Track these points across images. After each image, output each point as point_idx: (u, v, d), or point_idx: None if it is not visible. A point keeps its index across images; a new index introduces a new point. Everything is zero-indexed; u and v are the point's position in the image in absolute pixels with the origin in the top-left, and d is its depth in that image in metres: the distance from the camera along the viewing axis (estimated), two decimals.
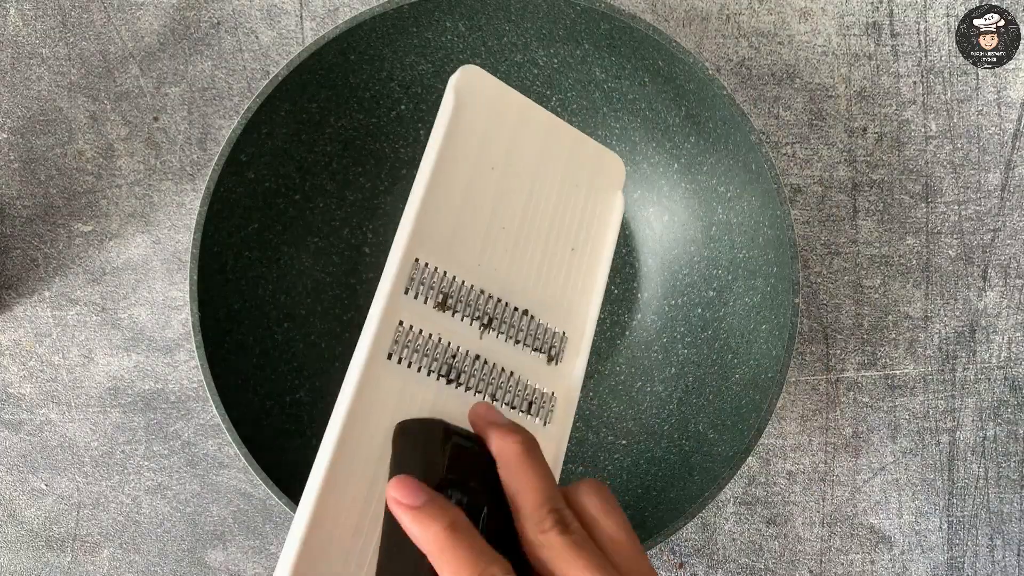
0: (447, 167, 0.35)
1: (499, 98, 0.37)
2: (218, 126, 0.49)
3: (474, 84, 0.36)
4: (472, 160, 0.36)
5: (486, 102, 0.36)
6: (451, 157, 0.35)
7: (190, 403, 0.50)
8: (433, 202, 0.35)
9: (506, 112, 0.37)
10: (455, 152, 0.35)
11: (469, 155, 0.36)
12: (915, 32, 0.50)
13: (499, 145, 0.37)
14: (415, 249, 0.34)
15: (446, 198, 0.35)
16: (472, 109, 0.36)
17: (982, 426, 0.51)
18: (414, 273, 0.34)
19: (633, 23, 0.42)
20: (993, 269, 0.51)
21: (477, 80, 0.36)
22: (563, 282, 0.38)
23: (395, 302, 0.33)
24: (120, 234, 0.50)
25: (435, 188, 0.35)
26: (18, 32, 0.49)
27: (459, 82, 0.36)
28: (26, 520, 0.50)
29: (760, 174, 0.43)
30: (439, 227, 0.35)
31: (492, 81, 0.37)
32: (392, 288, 0.33)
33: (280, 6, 0.49)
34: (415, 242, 0.34)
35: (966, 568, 0.52)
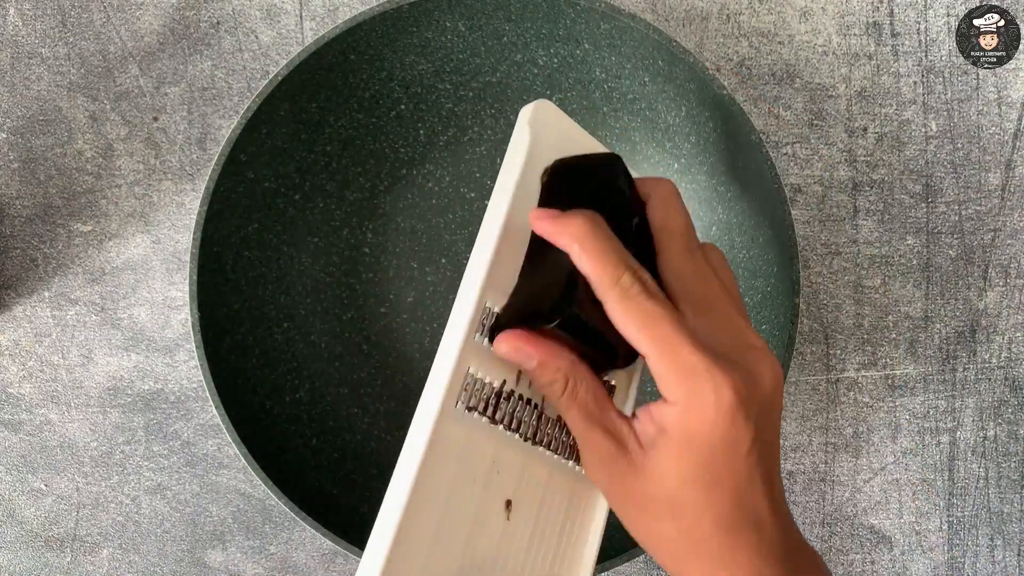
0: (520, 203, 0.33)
1: (567, 136, 0.36)
2: (218, 126, 0.49)
3: (547, 119, 0.35)
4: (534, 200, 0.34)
5: (555, 139, 0.35)
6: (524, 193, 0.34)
7: (190, 403, 0.50)
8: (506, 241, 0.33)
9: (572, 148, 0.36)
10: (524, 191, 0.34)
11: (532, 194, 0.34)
12: (915, 32, 0.50)
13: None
14: (487, 292, 0.33)
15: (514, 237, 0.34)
16: (544, 146, 0.34)
17: (982, 426, 0.51)
18: (484, 319, 0.33)
19: (633, 23, 0.42)
20: (993, 269, 0.51)
21: (550, 115, 0.35)
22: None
23: (468, 348, 0.32)
24: (120, 234, 0.50)
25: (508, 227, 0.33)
26: (18, 32, 0.49)
27: (534, 116, 0.34)
28: (26, 520, 0.50)
29: (760, 174, 0.43)
30: (504, 269, 0.33)
31: (564, 118, 0.36)
32: (467, 333, 0.32)
33: (280, 6, 0.49)
34: (489, 284, 0.33)
35: (966, 568, 0.52)
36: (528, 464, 0.34)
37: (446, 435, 0.31)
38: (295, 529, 0.50)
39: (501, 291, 0.33)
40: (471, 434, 0.32)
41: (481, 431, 0.33)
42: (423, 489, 0.30)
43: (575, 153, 0.36)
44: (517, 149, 0.34)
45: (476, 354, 0.32)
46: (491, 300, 0.33)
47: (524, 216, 0.33)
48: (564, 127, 0.36)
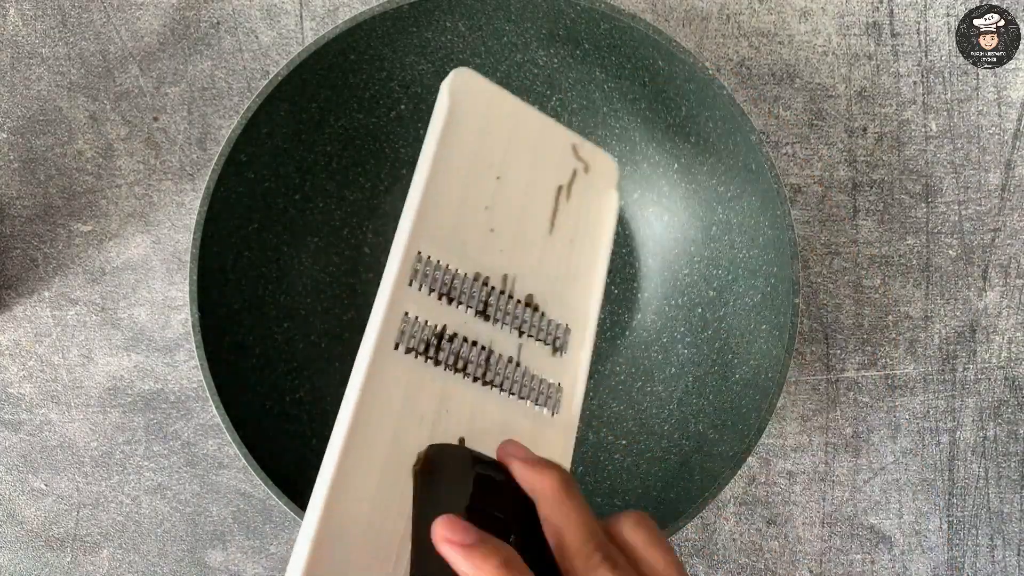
0: (445, 164, 0.36)
1: (493, 99, 0.38)
2: (218, 126, 0.49)
3: (468, 85, 0.37)
4: (468, 158, 0.36)
5: (480, 103, 0.37)
6: (448, 155, 0.36)
7: (190, 403, 0.50)
8: (433, 197, 0.35)
9: (500, 113, 0.38)
10: (452, 150, 0.36)
11: (465, 153, 0.36)
12: (915, 32, 0.50)
13: (494, 144, 0.37)
14: (417, 242, 0.34)
15: (445, 194, 0.36)
16: (466, 110, 0.36)
17: (982, 426, 0.51)
18: (417, 265, 0.34)
19: (633, 23, 0.42)
20: (993, 269, 0.51)
21: (471, 82, 0.37)
22: (563, 276, 0.38)
23: (400, 293, 0.34)
24: (120, 234, 0.50)
25: (434, 184, 0.35)
26: (18, 32, 0.49)
27: (453, 84, 0.36)
28: (26, 520, 0.50)
29: (760, 174, 0.43)
30: (440, 221, 0.35)
31: (485, 83, 0.37)
32: (396, 279, 0.34)
33: (280, 6, 0.49)
34: (417, 235, 0.34)
35: (966, 568, 0.52)
36: (480, 404, 0.35)
37: (384, 376, 0.32)
38: (295, 529, 0.50)
39: (432, 241, 0.35)
40: (412, 375, 0.33)
41: (424, 372, 0.34)
42: (362, 430, 0.31)
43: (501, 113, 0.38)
44: (436, 114, 0.36)
45: (413, 300, 0.34)
46: (426, 249, 0.34)
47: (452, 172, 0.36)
48: (487, 93, 0.37)
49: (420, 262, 0.34)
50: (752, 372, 0.45)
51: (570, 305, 0.38)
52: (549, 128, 0.39)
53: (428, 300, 0.34)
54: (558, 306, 0.38)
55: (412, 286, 0.34)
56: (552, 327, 0.37)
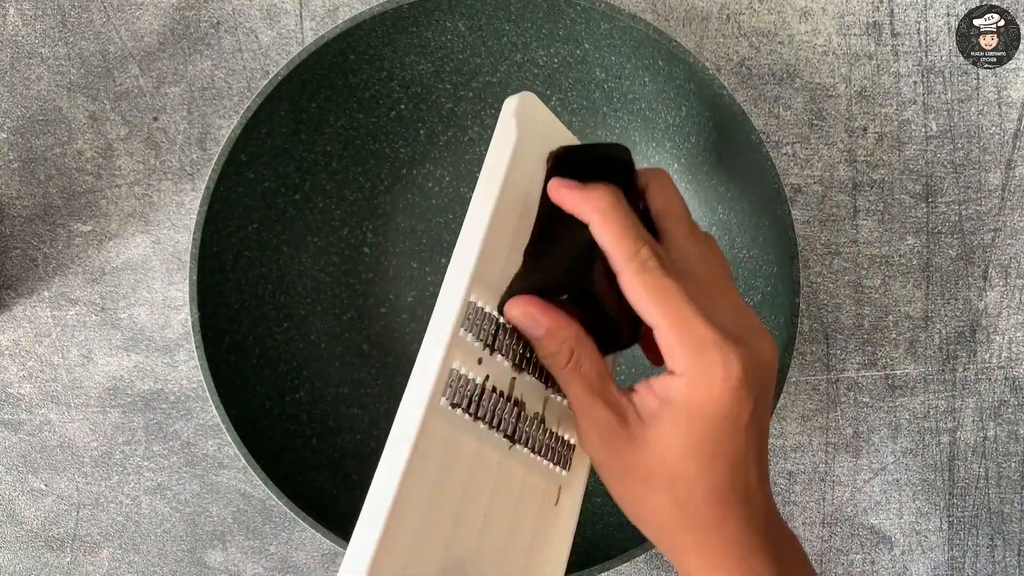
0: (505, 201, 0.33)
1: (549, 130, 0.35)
2: (218, 126, 0.49)
3: (534, 113, 0.34)
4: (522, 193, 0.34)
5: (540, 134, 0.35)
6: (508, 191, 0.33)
7: (190, 403, 0.50)
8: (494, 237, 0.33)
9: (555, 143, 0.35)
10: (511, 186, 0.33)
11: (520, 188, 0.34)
12: (915, 32, 0.50)
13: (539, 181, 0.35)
14: (474, 289, 0.32)
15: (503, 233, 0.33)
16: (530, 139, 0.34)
17: (982, 426, 0.51)
18: (469, 313, 0.32)
19: (633, 23, 0.42)
20: (994, 269, 0.51)
21: (536, 110, 0.34)
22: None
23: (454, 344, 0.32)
24: (120, 234, 0.50)
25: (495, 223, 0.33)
26: (18, 32, 0.49)
27: (520, 109, 0.34)
28: (26, 520, 0.50)
29: (760, 174, 0.43)
30: (493, 265, 0.33)
31: (546, 112, 0.35)
32: (453, 330, 0.32)
33: (280, 6, 0.49)
34: (475, 281, 0.32)
35: (966, 568, 0.52)
36: (506, 462, 0.34)
37: (431, 431, 0.31)
38: (295, 529, 0.50)
39: (486, 286, 0.33)
40: (454, 431, 0.32)
41: (464, 428, 0.32)
42: (409, 485, 0.30)
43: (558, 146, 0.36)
44: (503, 142, 0.33)
45: (461, 350, 0.32)
46: (476, 296, 0.32)
47: (510, 210, 0.33)
48: (546, 120, 0.35)
49: (472, 311, 0.32)
50: None
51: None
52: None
53: (474, 350, 0.33)
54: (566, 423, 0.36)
55: (462, 334, 0.32)
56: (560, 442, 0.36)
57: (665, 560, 0.51)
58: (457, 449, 0.32)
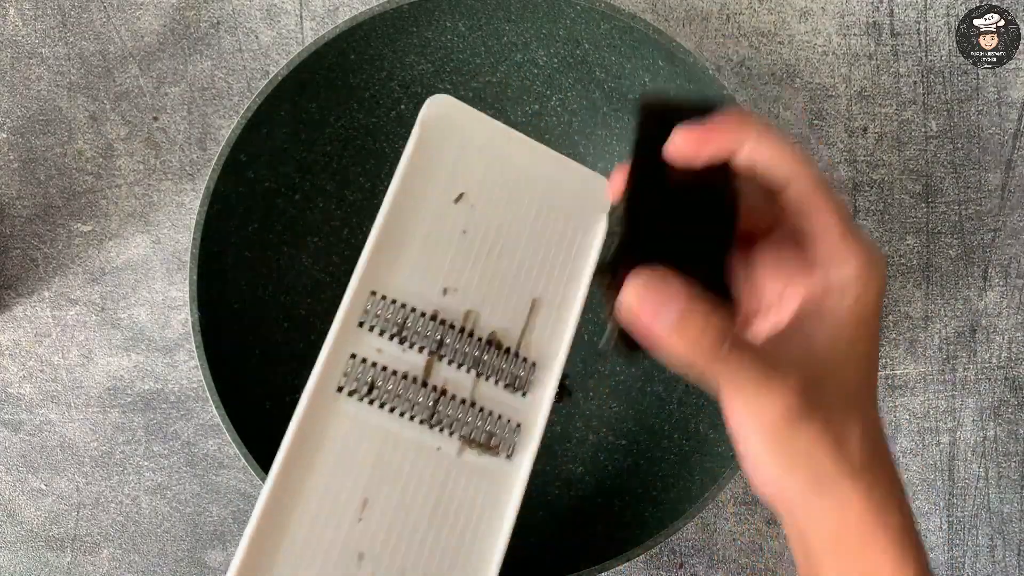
0: (409, 200, 0.35)
1: (471, 126, 0.37)
2: (218, 126, 0.49)
3: (443, 112, 0.36)
4: (439, 190, 0.36)
5: (457, 131, 0.37)
6: (414, 190, 0.36)
7: (190, 403, 0.50)
8: (393, 234, 0.35)
9: (479, 140, 0.37)
10: (419, 185, 0.36)
11: (436, 186, 0.36)
12: (915, 32, 0.50)
13: (471, 174, 0.37)
14: (371, 282, 0.35)
15: (409, 228, 0.35)
16: (438, 140, 0.36)
17: (982, 426, 0.51)
18: (369, 306, 0.34)
19: (633, 23, 0.42)
20: (993, 269, 0.51)
21: (446, 109, 0.37)
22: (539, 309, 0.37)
23: (346, 335, 0.34)
24: (120, 234, 0.50)
25: (395, 220, 0.35)
26: (18, 32, 0.49)
27: (427, 112, 0.36)
28: (26, 520, 0.50)
29: None
30: (400, 259, 0.35)
31: (464, 109, 0.37)
32: (344, 321, 0.34)
33: (280, 6, 0.49)
34: (371, 275, 0.34)
35: (966, 568, 0.52)
36: (423, 447, 0.35)
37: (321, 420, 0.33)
38: None
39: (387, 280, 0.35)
40: (354, 419, 0.34)
41: (366, 415, 0.34)
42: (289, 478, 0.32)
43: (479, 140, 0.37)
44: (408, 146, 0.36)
45: (362, 341, 0.34)
46: (378, 287, 0.35)
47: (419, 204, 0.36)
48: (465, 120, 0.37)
49: (373, 301, 0.34)
50: None
51: (540, 339, 0.37)
52: (536, 154, 0.38)
53: (378, 341, 0.34)
54: (525, 341, 0.37)
55: (363, 327, 0.34)
56: (516, 365, 0.37)
57: (664, 560, 0.51)
58: (359, 436, 0.34)
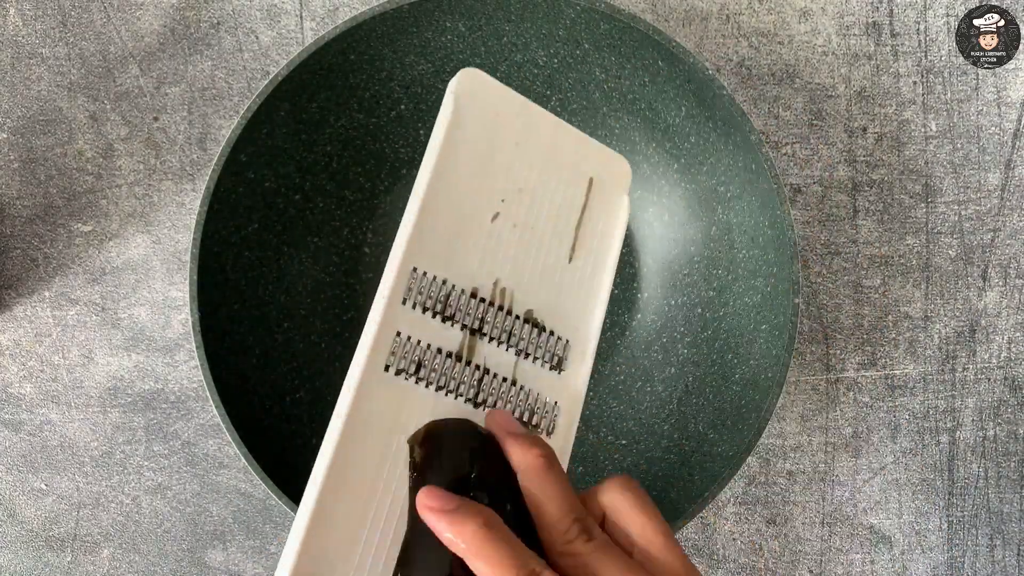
0: (446, 173, 0.34)
1: (501, 101, 0.36)
2: (218, 126, 0.49)
3: (475, 87, 0.36)
4: (473, 165, 0.35)
5: (487, 105, 0.36)
6: (451, 162, 0.35)
7: (190, 403, 0.50)
8: (432, 209, 0.34)
9: (508, 115, 0.36)
10: (455, 157, 0.35)
11: (470, 160, 0.35)
12: (915, 32, 0.50)
13: (502, 149, 0.36)
14: (413, 258, 0.33)
15: (446, 204, 0.34)
16: (472, 113, 0.35)
17: (982, 426, 0.51)
18: (412, 283, 0.33)
19: (633, 23, 0.42)
20: (993, 269, 0.51)
21: (478, 83, 0.36)
22: (567, 288, 0.37)
23: (392, 312, 0.33)
24: (120, 234, 0.50)
25: (434, 194, 0.34)
26: (18, 32, 0.49)
27: (459, 86, 0.35)
28: (26, 520, 0.50)
29: (760, 174, 0.43)
30: (438, 235, 0.34)
31: (493, 83, 0.36)
32: (390, 298, 0.33)
33: (280, 6, 0.49)
34: (413, 251, 0.33)
35: (966, 568, 0.52)
36: None
37: (373, 399, 0.32)
38: None
39: (428, 256, 0.34)
40: (402, 398, 0.33)
41: (413, 394, 0.33)
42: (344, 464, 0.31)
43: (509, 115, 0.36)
44: (440, 120, 0.35)
45: (406, 319, 0.33)
46: (421, 264, 0.34)
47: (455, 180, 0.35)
48: (495, 95, 0.36)
49: (415, 278, 0.33)
50: (752, 372, 0.45)
51: (572, 318, 0.37)
52: (561, 131, 0.38)
53: (422, 319, 0.33)
54: (560, 319, 0.37)
55: (406, 304, 0.33)
56: (552, 343, 0.36)
57: None
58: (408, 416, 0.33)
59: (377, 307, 0.33)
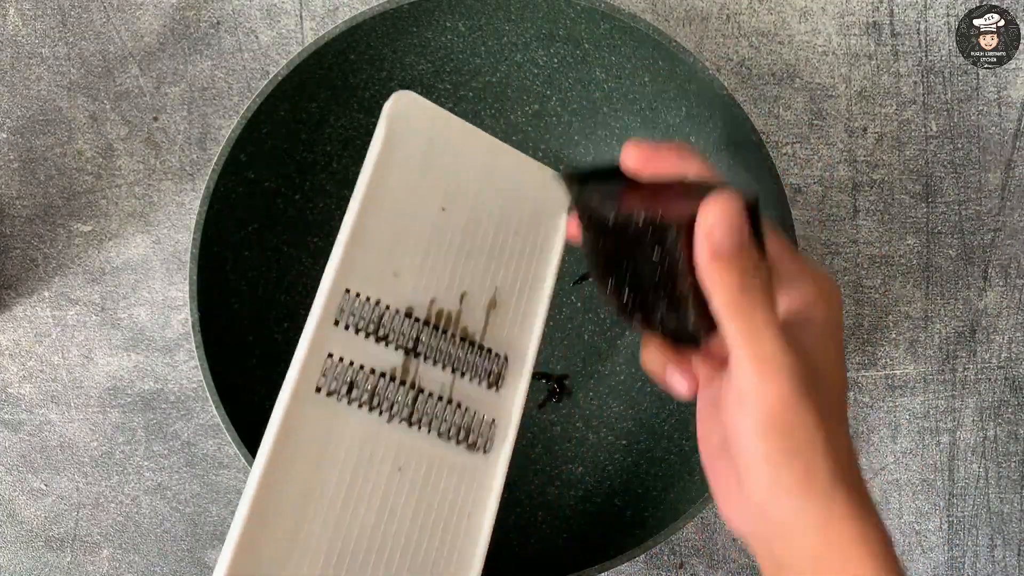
0: (378, 196, 0.35)
1: (436, 123, 0.37)
2: (218, 126, 0.49)
3: (409, 110, 0.36)
4: (406, 187, 0.36)
5: (421, 128, 0.36)
6: (383, 185, 0.35)
7: (190, 403, 0.50)
8: (364, 232, 0.34)
9: (443, 138, 0.37)
10: (387, 180, 0.35)
11: (403, 182, 0.36)
12: (915, 32, 0.50)
13: (436, 171, 0.36)
14: (345, 280, 0.34)
15: (378, 226, 0.35)
16: (405, 136, 0.36)
17: (982, 426, 0.51)
18: (344, 304, 0.34)
19: (633, 23, 0.42)
20: (993, 269, 0.51)
21: (412, 106, 0.36)
22: (504, 306, 0.38)
23: (323, 335, 0.33)
24: (120, 234, 0.50)
25: (365, 217, 0.34)
26: (18, 32, 0.49)
27: (393, 109, 0.35)
28: (26, 520, 0.50)
29: (760, 174, 0.43)
30: (371, 256, 0.35)
31: (428, 105, 0.36)
32: (320, 321, 0.33)
33: (280, 6, 0.49)
34: (345, 273, 0.34)
35: (966, 568, 0.52)
36: (406, 445, 0.35)
37: (299, 421, 0.32)
38: None
39: (361, 277, 0.34)
40: (333, 419, 0.33)
41: (345, 415, 0.33)
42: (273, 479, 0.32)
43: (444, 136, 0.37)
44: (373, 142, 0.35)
45: (338, 340, 0.33)
46: (352, 285, 0.34)
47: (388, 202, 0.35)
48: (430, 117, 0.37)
49: (347, 300, 0.34)
50: None
51: (510, 334, 0.37)
52: (499, 152, 0.38)
53: (355, 340, 0.34)
54: (496, 336, 0.37)
55: (338, 326, 0.34)
56: (489, 361, 0.37)
57: (664, 560, 0.51)
58: (339, 436, 0.33)
59: (307, 330, 0.33)
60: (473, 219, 0.37)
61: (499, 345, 0.37)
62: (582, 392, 0.50)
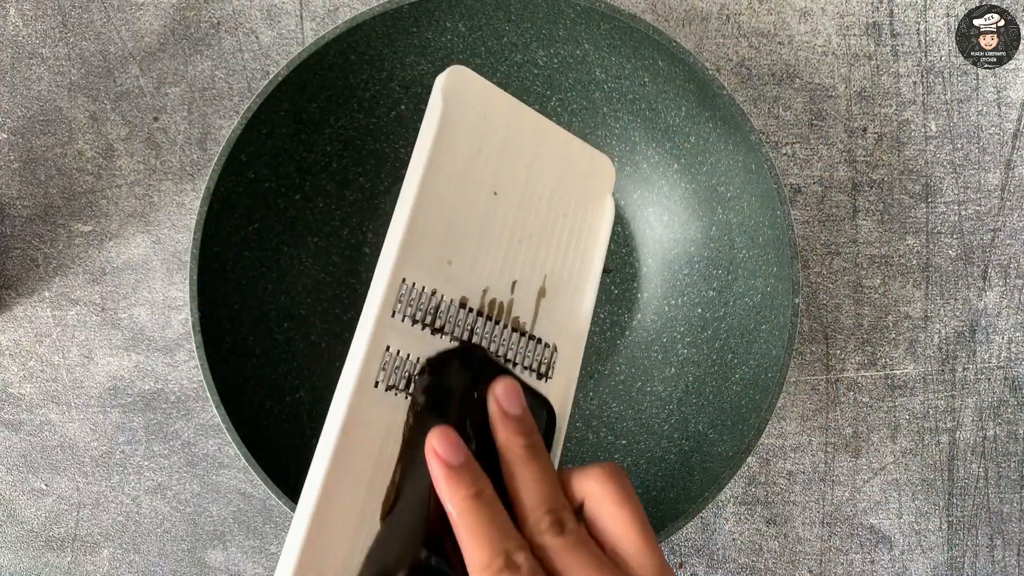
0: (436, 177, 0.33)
1: (488, 100, 0.35)
2: (218, 126, 0.49)
3: (462, 85, 0.34)
4: (463, 168, 0.34)
5: (477, 106, 0.34)
6: (440, 166, 0.33)
7: (190, 403, 0.50)
8: (422, 215, 0.32)
9: (496, 114, 0.35)
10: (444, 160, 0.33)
11: (460, 163, 0.34)
12: (915, 32, 0.50)
13: (490, 150, 0.34)
14: (404, 268, 0.32)
15: (435, 210, 0.33)
16: (461, 112, 0.34)
17: (982, 426, 0.51)
18: (401, 295, 0.32)
19: (633, 23, 0.42)
20: (993, 269, 0.51)
21: (466, 81, 0.34)
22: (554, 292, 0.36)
23: (382, 327, 0.31)
24: (120, 234, 0.50)
25: (424, 200, 0.32)
26: (18, 32, 0.49)
27: (447, 84, 0.33)
28: (26, 520, 0.50)
29: (760, 174, 0.43)
30: (428, 243, 0.33)
31: (481, 81, 0.34)
32: (380, 312, 0.31)
33: (280, 6, 0.49)
34: (405, 260, 0.32)
35: (966, 568, 0.52)
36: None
37: (361, 417, 0.31)
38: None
39: (419, 265, 0.32)
40: (393, 413, 0.32)
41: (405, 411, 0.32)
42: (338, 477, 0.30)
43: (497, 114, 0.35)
44: (429, 119, 0.33)
45: (396, 332, 0.32)
46: (411, 275, 0.32)
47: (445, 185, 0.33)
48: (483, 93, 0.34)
49: (405, 290, 0.32)
50: (752, 372, 0.45)
51: (559, 323, 0.36)
52: (547, 129, 0.37)
53: (411, 331, 0.32)
54: (546, 325, 0.36)
55: (395, 317, 0.32)
56: (539, 351, 0.35)
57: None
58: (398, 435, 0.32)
59: (366, 321, 0.31)
60: (524, 202, 0.35)
61: (548, 335, 0.36)
62: (582, 392, 0.50)
